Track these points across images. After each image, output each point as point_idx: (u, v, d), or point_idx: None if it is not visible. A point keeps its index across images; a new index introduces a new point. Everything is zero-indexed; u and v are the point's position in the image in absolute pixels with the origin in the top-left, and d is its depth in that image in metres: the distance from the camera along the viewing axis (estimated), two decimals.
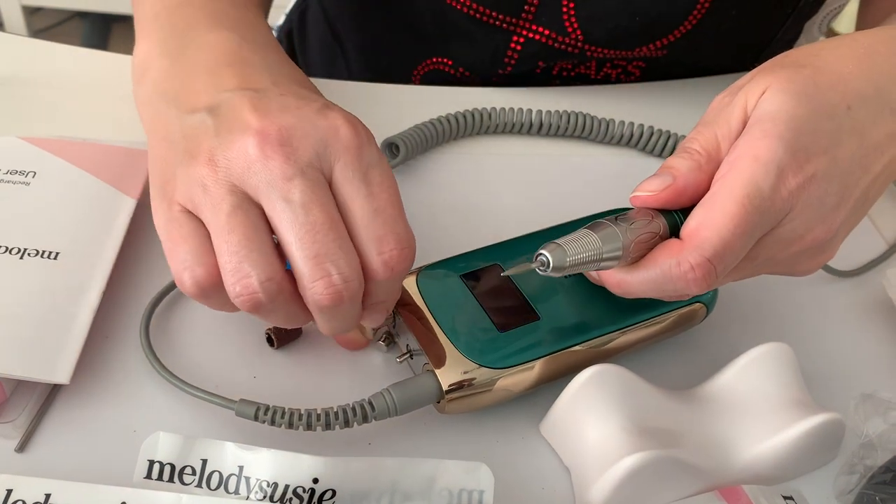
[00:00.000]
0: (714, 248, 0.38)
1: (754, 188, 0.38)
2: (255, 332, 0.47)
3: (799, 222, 0.40)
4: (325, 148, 0.39)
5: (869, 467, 0.42)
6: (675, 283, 0.39)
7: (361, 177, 0.39)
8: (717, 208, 0.38)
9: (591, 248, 0.39)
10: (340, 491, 0.38)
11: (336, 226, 0.38)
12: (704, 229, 0.38)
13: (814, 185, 0.39)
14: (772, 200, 0.38)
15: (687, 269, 0.38)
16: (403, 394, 0.42)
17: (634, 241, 0.39)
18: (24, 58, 0.66)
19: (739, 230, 0.38)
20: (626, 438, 0.40)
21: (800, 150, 0.39)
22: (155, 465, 0.39)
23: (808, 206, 0.39)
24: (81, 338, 0.44)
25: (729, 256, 0.38)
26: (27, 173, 0.51)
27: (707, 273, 0.38)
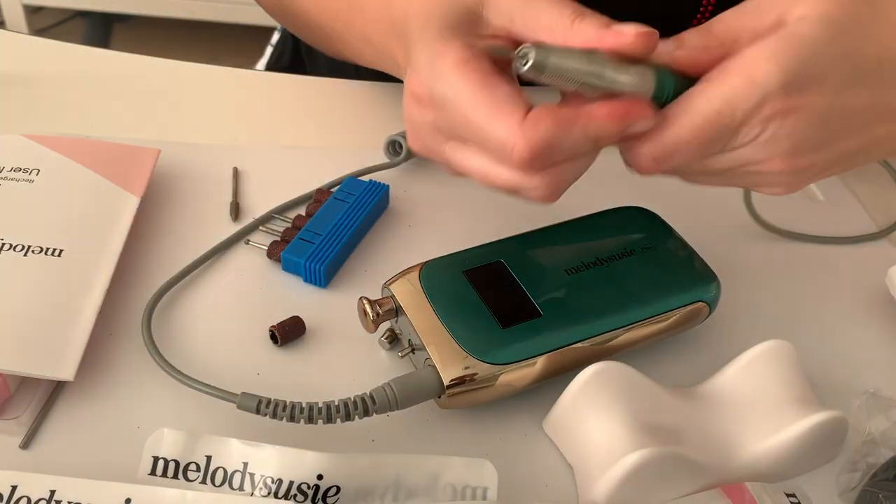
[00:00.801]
0: (665, 150, 0.39)
1: (729, 108, 0.38)
2: (259, 330, 0.48)
3: (761, 149, 0.39)
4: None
5: (872, 465, 0.42)
6: (628, 155, 0.41)
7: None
8: (689, 111, 0.38)
9: (576, 62, 0.37)
10: (345, 487, 0.38)
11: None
12: (667, 128, 0.39)
13: (791, 118, 0.38)
14: (742, 122, 0.38)
15: (635, 155, 0.40)
16: (404, 388, 0.42)
17: (618, 81, 0.38)
18: (28, 56, 0.66)
19: (696, 141, 0.39)
20: (630, 435, 0.40)
21: (793, 84, 0.37)
22: (159, 462, 0.39)
23: (775, 138, 0.39)
24: (85, 334, 0.44)
25: (677, 159, 0.39)
26: (31, 171, 0.51)
27: (650, 167, 0.40)
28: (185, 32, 2.16)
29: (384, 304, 0.45)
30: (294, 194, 0.56)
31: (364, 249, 0.53)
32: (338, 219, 0.52)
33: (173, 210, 0.55)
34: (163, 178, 0.56)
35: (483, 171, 0.40)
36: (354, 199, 0.54)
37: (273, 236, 0.53)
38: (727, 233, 0.56)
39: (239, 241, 0.53)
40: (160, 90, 0.65)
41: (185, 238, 0.53)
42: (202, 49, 2.13)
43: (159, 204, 0.55)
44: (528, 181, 0.39)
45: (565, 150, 0.38)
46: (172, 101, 0.64)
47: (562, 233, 0.49)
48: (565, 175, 0.40)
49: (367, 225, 0.54)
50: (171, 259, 0.51)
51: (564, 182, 0.40)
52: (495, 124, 0.37)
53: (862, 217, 0.60)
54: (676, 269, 0.48)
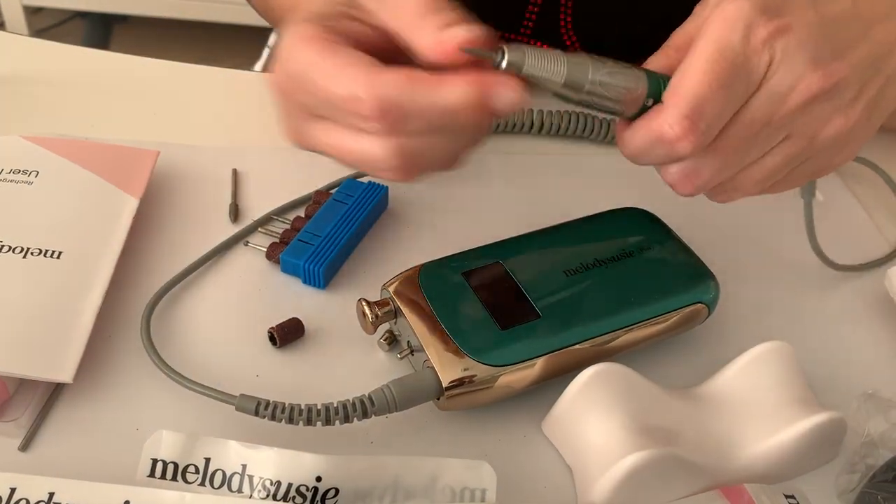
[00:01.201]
0: (689, 104, 0.37)
1: (724, 42, 0.37)
2: (258, 331, 0.48)
3: (784, 71, 0.38)
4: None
5: (870, 466, 0.42)
6: (661, 143, 0.38)
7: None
8: (690, 67, 0.38)
9: (553, 67, 0.37)
10: (343, 489, 0.38)
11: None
12: (679, 87, 0.38)
13: (790, 33, 0.38)
14: (744, 53, 0.38)
15: (666, 127, 0.38)
16: (403, 389, 0.42)
17: (602, 83, 0.38)
18: (27, 57, 0.66)
19: (715, 83, 0.37)
20: (629, 437, 0.40)
21: (769, 9, 0.38)
22: (158, 464, 0.39)
23: (789, 54, 0.38)
24: (84, 336, 0.44)
25: (709, 110, 0.38)
26: (30, 172, 0.51)
27: (688, 129, 0.37)
28: (185, 33, 2.16)
29: (383, 305, 0.45)
30: (293, 196, 0.56)
31: (363, 251, 0.53)
32: (337, 220, 0.52)
33: (172, 212, 0.55)
34: (162, 180, 0.56)
35: (339, 143, 0.39)
36: (353, 200, 0.54)
37: (272, 238, 0.53)
38: (726, 234, 0.56)
39: (238, 243, 0.53)
40: (159, 91, 0.65)
41: (184, 240, 0.53)
42: (201, 50, 2.13)
43: (158, 205, 0.55)
44: (378, 148, 0.37)
45: (417, 116, 0.36)
46: (171, 103, 0.64)
47: (561, 234, 0.49)
48: (421, 149, 0.38)
49: (366, 226, 0.54)
50: (170, 261, 0.51)
51: (420, 159, 0.38)
52: (340, 78, 0.36)
53: (861, 217, 0.60)
54: (675, 271, 0.48)
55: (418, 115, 0.36)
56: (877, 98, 0.42)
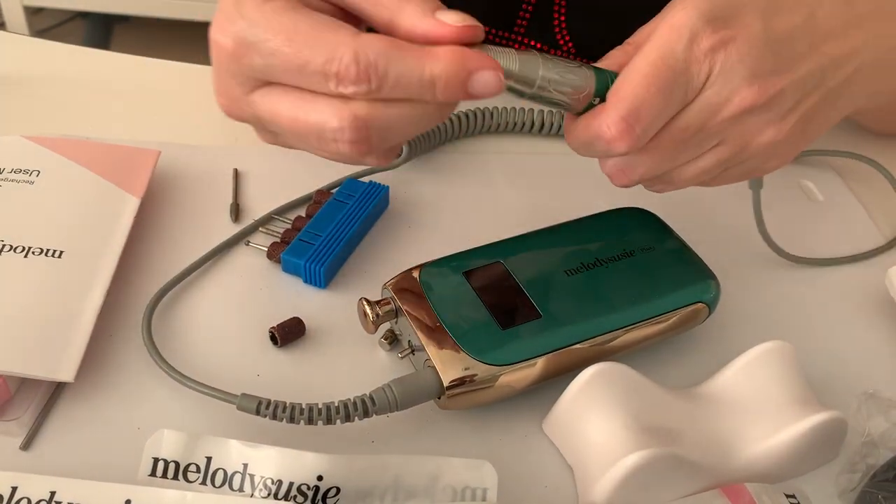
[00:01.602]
0: (628, 107, 0.39)
1: (667, 50, 0.39)
2: (259, 331, 0.48)
3: (721, 84, 0.40)
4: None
5: (871, 466, 0.42)
6: (599, 140, 0.40)
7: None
8: (633, 71, 0.39)
9: (506, 63, 0.38)
10: (344, 488, 0.38)
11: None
12: (620, 89, 0.39)
13: (732, 47, 0.39)
14: (685, 61, 0.39)
15: (604, 127, 0.39)
16: (404, 389, 0.42)
17: (551, 80, 0.39)
18: (28, 57, 0.66)
19: (654, 88, 0.38)
20: (629, 436, 0.40)
21: (717, 19, 0.39)
22: (159, 463, 0.39)
23: (728, 67, 0.39)
24: (85, 336, 0.44)
25: (645, 114, 0.39)
26: (31, 172, 0.51)
27: (624, 131, 0.39)
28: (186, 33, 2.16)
29: (384, 305, 0.45)
30: (294, 195, 0.56)
31: (364, 250, 0.54)
32: (338, 220, 0.52)
33: (173, 211, 0.55)
34: (163, 180, 0.56)
35: (290, 110, 0.37)
36: (354, 200, 0.54)
37: (273, 237, 0.53)
38: (726, 233, 0.56)
39: (239, 243, 0.53)
40: (160, 91, 0.65)
41: (186, 239, 0.53)
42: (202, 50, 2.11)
43: (159, 205, 0.55)
44: (336, 116, 0.36)
45: (395, 82, 0.35)
46: (172, 103, 0.64)
47: (561, 234, 0.49)
48: (381, 121, 0.36)
49: (366, 226, 0.54)
50: (172, 260, 0.51)
51: (377, 132, 0.36)
52: (320, 41, 0.35)
53: (862, 217, 0.60)
54: (676, 270, 0.48)
55: (396, 81, 0.35)
56: (814, 110, 0.43)
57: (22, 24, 2.06)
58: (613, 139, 0.39)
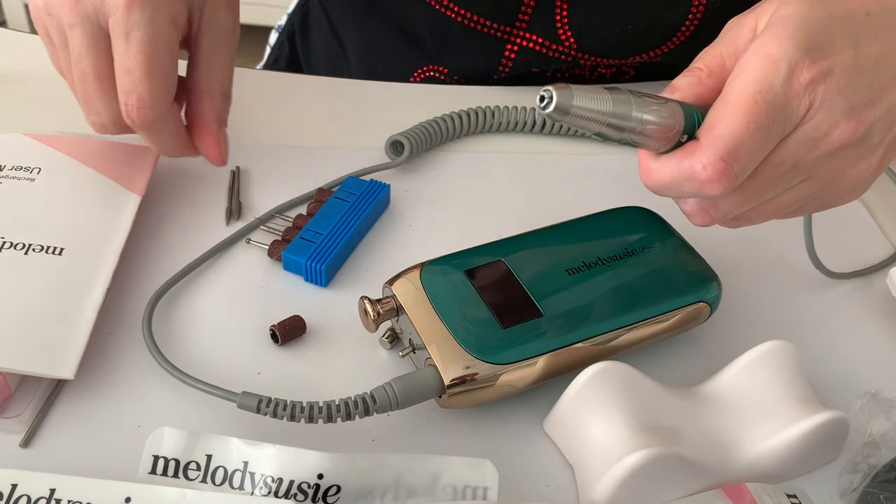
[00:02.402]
0: (727, 146, 0.37)
1: (766, 84, 0.37)
2: (260, 329, 0.48)
3: (821, 117, 0.38)
4: (103, 4, 0.44)
5: (873, 466, 0.42)
6: (692, 182, 0.38)
7: (123, 35, 0.45)
8: (729, 106, 0.37)
9: (600, 104, 0.36)
10: (345, 487, 0.38)
11: (99, 77, 0.46)
12: (717, 127, 0.37)
13: (832, 79, 0.38)
14: (785, 95, 0.37)
15: (699, 168, 0.37)
16: (405, 387, 0.42)
17: (644, 120, 0.37)
18: (30, 54, 0.66)
19: (753, 126, 0.37)
20: (630, 436, 0.40)
21: (813, 48, 0.37)
22: (159, 461, 0.39)
23: (828, 100, 0.38)
24: (86, 333, 0.44)
25: (744, 154, 0.37)
26: (32, 169, 0.51)
27: (721, 172, 0.37)
28: None
29: (385, 303, 0.45)
30: (295, 194, 0.56)
31: (365, 249, 0.53)
32: (339, 218, 0.52)
33: (174, 209, 0.55)
34: (164, 177, 0.56)
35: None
36: (355, 198, 0.54)
37: (274, 235, 0.53)
38: (728, 233, 0.56)
39: (240, 241, 0.53)
40: None
41: (186, 237, 0.53)
42: None
43: (160, 203, 0.55)
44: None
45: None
46: None
47: (563, 232, 0.49)
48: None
49: (368, 224, 0.54)
50: (172, 258, 0.51)
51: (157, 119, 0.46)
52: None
53: (862, 215, 0.60)
54: (677, 269, 0.48)
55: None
56: (895, 140, 0.42)
57: (23, 23, 2.06)
58: (709, 180, 0.37)
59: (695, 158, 0.37)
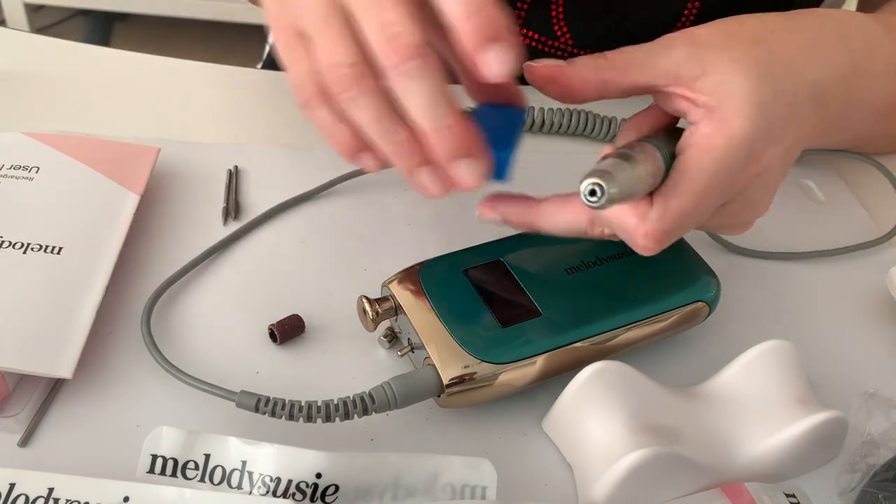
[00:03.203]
0: (673, 221, 0.39)
1: (725, 167, 0.39)
2: (258, 328, 0.47)
3: (740, 203, 0.42)
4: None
5: (871, 465, 0.42)
6: (625, 235, 0.41)
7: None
8: (685, 182, 0.39)
9: (641, 179, 0.38)
10: (344, 486, 0.38)
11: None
12: (671, 201, 0.39)
13: (767, 174, 0.41)
14: (732, 183, 0.40)
15: (640, 233, 0.40)
16: (404, 387, 0.42)
17: (646, 173, 0.38)
18: (28, 54, 0.66)
19: (703, 206, 0.40)
20: (629, 435, 0.40)
21: (765, 137, 0.40)
22: (158, 460, 0.39)
23: (755, 190, 0.42)
24: (84, 332, 0.44)
25: (685, 227, 0.40)
26: (31, 168, 0.51)
27: (658, 242, 0.40)
28: (186, 32, 2.16)
29: (383, 302, 0.45)
30: (293, 193, 0.56)
31: (363, 248, 0.53)
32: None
33: (173, 208, 0.55)
34: (163, 177, 0.56)
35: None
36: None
37: None
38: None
39: (239, 240, 0.53)
40: (160, 88, 0.65)
41: (185, 236, 0.53)
42: (203, 48, 2.13)
43: (159, 202, 0.55)
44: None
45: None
46: (173, 100, 0.64)
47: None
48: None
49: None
50: (171, 257, 0.51)
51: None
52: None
53: (862, 216, 0.60)
54: (676, 269, 0.48)
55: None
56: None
57: (22, 22, 2.06)
58: (644, 247, 0.40)
59: (640, 224, 0.39)
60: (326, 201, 0.56)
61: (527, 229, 0.44)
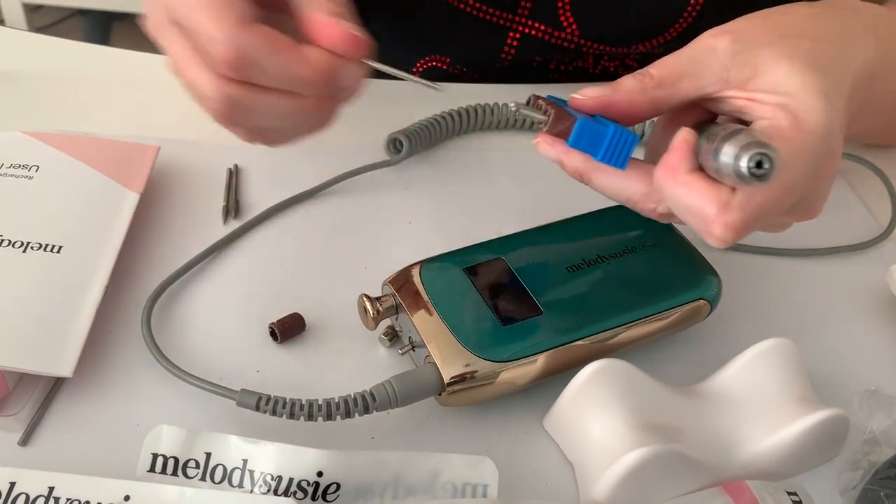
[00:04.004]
0: (753, 216, 0.37)
1: (809, 164, 0.38)
2: (259, 327, 0.47)
3: (812, 196, 0.41)
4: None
5: (873, 463, 0.42)
6: (698, 222, 0.38)
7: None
8: (778, 181, 0.36)
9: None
10: (344, 484, 0.38)
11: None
12: (756, 195, 0.37)
13: (837, 164, 0.40)
14: (814, 177, 0.39)
15: (722, 222, 0.37)
16: (404, 385, 0.42)
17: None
18: (28, 53, 0.66)
19: (785, 200, 0.38)
20: (630, 433, 0.40)
21: (838, 127, 0.39)
22: (158, 459, 0.39)
23: (825, 181, 0.41)
24: (84, 331, 0.44)
25: (764, 222, 0.38)
26: (30, 167, 0.51)
27: (739, 232, 0.37)
28: None
29: (384, 301, 0.45)
30: (292, 192, 0.56)
31: (364, 246, 0.53)
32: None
33: (173, 207, 0.54)
34: (163, 175, 0.56)
35: (182, 58, 0.41)
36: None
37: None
38: None
39: (239, 238, 0.53)
40: (160, 87, 0.65)
41: (185, 234, 0.52)
42: None
43: (159, 200, 0.55)
44: (210, 86, 0.39)
45: (266, 73, 0.39)
46: (172, 98, 0.64)
47: (563, 230, 0.49)
48: (256, 104, 0.40)
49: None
50: (171, 255, 0.51)
51: (252, 112, 0.41)
52: (217, 15, 0.38)
53: (863, 214, 0.60)
54: (677, 267, 0.48)
55: (264, 73, 0.39)
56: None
57: (21, 22, 2.06)
58: (718, 238, 0.37)
59: (721, 213, 0.37)
60: (327, 199, 0.56)
61: (577, 177, 0.42)
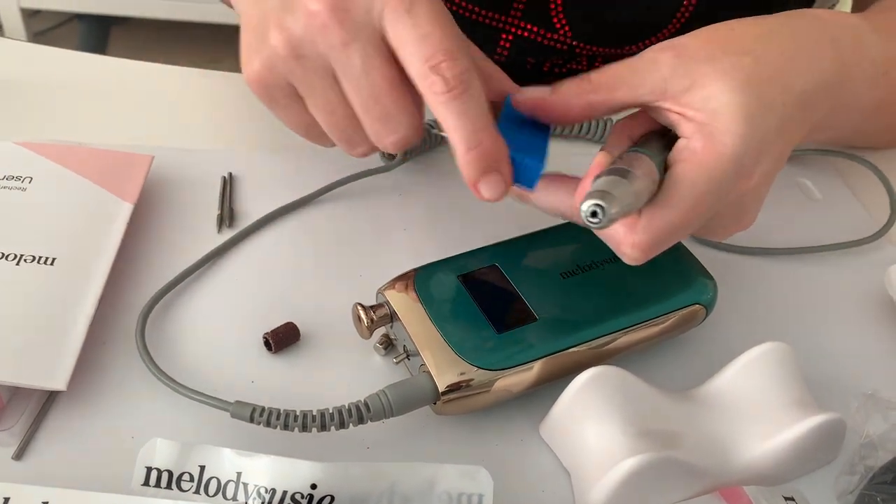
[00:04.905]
0: (661, 235, 0.39)
1: (715, 186, 0.39)
2: (253, 337, 0.47)
3: (729, 214, 0.42)
4: (372, 4, 0.39)
5: (870, 467, 0.42)
6: (612, 244, 0.41)
7: (406, 11, 0.39)
8: (676, 197, 0.39)
9: (639, 194, 0.37)
10: (339, 496, 0.38)
11: (393, 84, 0.40)
12: (657, 217, 0.39)
13: (757, 187, 0.41)
14: (722, 198, 0.40)
15: (629, 243, 0.39)
16: (399, 394, 0.42)
17: (643, 187, 0.38)
18: (22, 62, 0.66)
19: (690, 222, 0.39)
20: (626, 440, 0.40)
21: (755, 151, 0.39)
22: (153, 472, 0.39)
23: (744, 202, 0.41)
24: (78, 344, 0.44)
25: (672, 239, 0.40)
26: (23, 178, 0.51)
27: (643, 253, 0.40)
28: (183, 35, 2.16)
29: (378, 310, 0.45)
30: (287, 199, 0.56)
31: (358, 254, 0.53)
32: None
33: (167, 217, 0.54)
34: (157, 185, 0.56)
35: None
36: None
37: None
38: None
39: (233, 247, 0.53)
40: (153, 95, 0.65)
41: (179, 245, 0.52)
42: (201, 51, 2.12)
43: (153, 211, 0.54)
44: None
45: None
46: (165, 106, 0.64)
47: (557, 236, 0.49)
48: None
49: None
50: (165, 266, 0.50)
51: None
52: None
53: (861, 214, 0.59)
54: (673, 272, 0.47)
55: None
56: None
57: (19, 27, 2.06)
58: (629, 256, 0.40)
59: (628, 234, 0.39)
60: (321, 207, 0.56)
61: (516, 197, 0.44)
